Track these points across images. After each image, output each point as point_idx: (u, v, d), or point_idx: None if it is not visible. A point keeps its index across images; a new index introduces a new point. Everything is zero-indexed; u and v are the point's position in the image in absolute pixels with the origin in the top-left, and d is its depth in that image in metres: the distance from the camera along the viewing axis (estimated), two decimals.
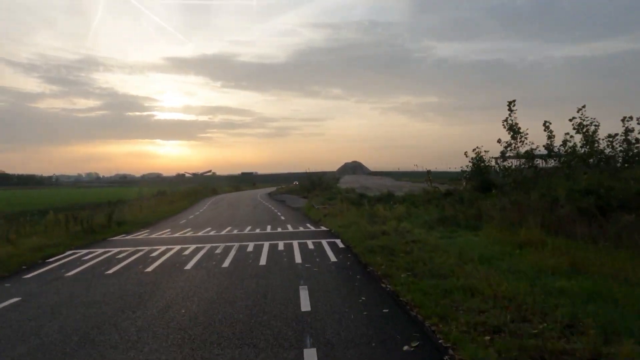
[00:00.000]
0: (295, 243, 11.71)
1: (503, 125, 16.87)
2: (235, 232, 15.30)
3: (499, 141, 17.08)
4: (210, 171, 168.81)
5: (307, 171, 53.22)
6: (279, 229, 15.58)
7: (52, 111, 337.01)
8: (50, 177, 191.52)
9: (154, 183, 76.09)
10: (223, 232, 15.22)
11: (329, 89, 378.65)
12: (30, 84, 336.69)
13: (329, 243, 11.62)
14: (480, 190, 25.08)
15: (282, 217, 21.17)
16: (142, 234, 15.48)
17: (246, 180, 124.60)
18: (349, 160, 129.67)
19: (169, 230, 16.67)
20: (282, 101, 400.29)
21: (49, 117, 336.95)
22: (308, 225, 16.96)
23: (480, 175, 26.67)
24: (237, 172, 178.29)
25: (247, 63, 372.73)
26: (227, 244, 12.00)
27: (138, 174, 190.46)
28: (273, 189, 66.05)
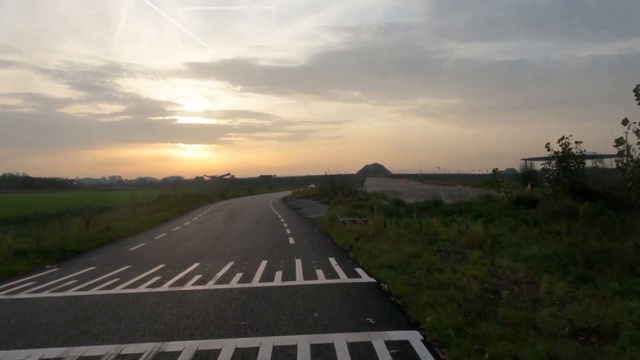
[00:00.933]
0: (303, 354, 4.32)
1: (635, 94, 10.48)
2: (190, 284, 7.88)
3: (624, 122, 10.70)
4: (229, 174, 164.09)
5: (327, 173, 45.33)
6: (277, 278, 8.17)
7: (79, 116, 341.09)
8: (71, 181, 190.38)
9: (173, 186, 73.01)
10: (165, 287, 7.78)
11: (348, 92, 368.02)
12: (58, 90, 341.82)
13: (395, 355, 4.19)
14: (572, 197, 18.59)
15: (292, 241, 13.77)
16: (9, 289, 8.30)
17: (264, 183, 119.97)
18: (369, 163, 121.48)
19: (82, 272, 9.36)
20: (301, 104, 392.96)
21: (75, 122, 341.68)
22: (332, 264, 9.47)
23: (571, 176, 20.02)
24: (256, 175, 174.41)
25: (266, 67, 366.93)
26: (125, 354, 4.66)
27: (159, 177, 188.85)
28: (289, 192, 58.88)
